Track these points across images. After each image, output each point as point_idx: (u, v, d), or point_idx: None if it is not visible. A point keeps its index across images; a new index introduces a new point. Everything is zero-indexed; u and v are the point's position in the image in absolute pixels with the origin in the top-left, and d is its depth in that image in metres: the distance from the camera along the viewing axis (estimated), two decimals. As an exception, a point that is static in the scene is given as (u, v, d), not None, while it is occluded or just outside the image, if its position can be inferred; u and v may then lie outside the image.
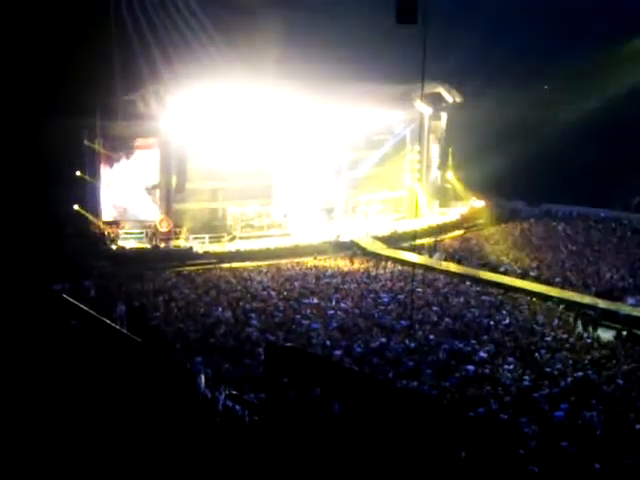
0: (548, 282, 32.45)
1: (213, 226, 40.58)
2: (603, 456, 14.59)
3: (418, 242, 40.07)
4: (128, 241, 37.53)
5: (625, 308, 28.44)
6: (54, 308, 22.13)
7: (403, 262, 36.46)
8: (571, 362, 20.93)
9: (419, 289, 29.78)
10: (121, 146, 38.25)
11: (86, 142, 36.96)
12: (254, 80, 36.89)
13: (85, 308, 21.93)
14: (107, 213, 38.25)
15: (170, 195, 39.01)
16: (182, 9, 39.99)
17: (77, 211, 36.34)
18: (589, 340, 24.03)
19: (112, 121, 36.81)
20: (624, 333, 25.28)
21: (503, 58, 49.06)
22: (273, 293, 28.90)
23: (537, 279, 33.10)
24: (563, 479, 13.82)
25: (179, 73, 37.09)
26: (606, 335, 25.13)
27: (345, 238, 40.66)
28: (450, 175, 51.73)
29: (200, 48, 39.39)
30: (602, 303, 28.95)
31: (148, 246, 37.32)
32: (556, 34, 51.59)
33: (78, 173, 36.73)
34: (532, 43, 50.58)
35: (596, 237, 42.55)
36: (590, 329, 25.74)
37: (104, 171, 37.96)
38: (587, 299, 29.58)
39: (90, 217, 37.06)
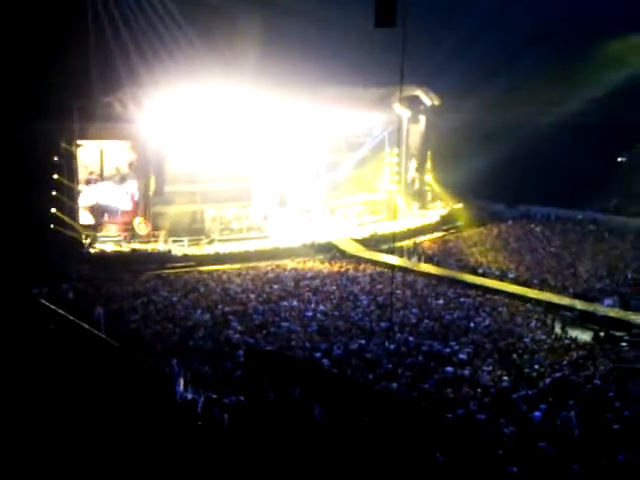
0: (526, 284, 32.64)
1: (192, 229, 40.40)
2: (581, 456, 14.68)
3: (397, 244, 40.15)
4: (106, 244, 37.29)
5: (602, 309, 28.66)
6: (32, 312, 21.99)
7: (382, 264, 36.53)
8: (549, 363, 21.08)
9: (398, 291, 29.84)
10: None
11: (63, 144, 36.67)
12: (233, 82, 36.80)
13: (63, 312, 21.81)
14: (85, 216, 38.02)
15: (148, 198, 38.83)
16: (160, 11, 39.84)
17: (55, 214, 36.07)
18: (567, 341, 24.19)
19: (89, 123, 36.56)
20: (601, 334, 25.51)
21: (482, 61, 49.39)
22: (252, 296, 28.83)
23: (515, 281, 33.29)
24: (542, 479, 13.90)
25: (157, 75, 36.92)
26: (584, 336, 25.33)
27: (324, 240, 40.66)
28: (429, 177, 51.96)
29: (178, 50, 39.28)
30: (580, 304, 29.18)
31: (126, 249, 37.10)
32: (535, 36, 51.99)
33: (55, 176, 36.44)
34: (511, 45, 50.89)
35: (574, 239, 42.87)
36: (568, 330, 25.93)
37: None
38: (565, 300, 29.80)
39: (68, 220, 36.78)
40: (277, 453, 13.74)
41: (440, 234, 45.92)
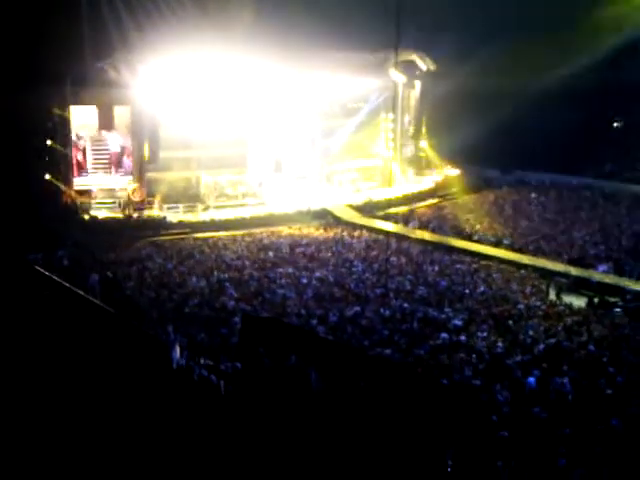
0: (521, 250, 32.71)
1: (187, 195, 40.25)
2: (575, 421, 14.82)
3: (392, 211, 40.12)
4: (101, 211, 37.20)
5: (597, 275, 28.76)
6: (27, 279, 21.96)
7: (377, 231, 36.53)
8: (543, 329, 21.19)
9: (393, 258, 29.88)
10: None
11: (56, 110, 36.38)
12: (227, 47, 36.48)
13: (58, 279, 21.79)
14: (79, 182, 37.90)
15: (143, 164, 38.65)
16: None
17: (49, 180, 35.90)
18: (561, 307, 24.31)
19: (83, 88, 36.28)
20: (596, 300, 25.62)
21: (477, 26, 49.00)
22: (248, 262, 28.87)
23: (510, 247, 33.35)
24: (535, 444, 14.03)
25: (150, 40, 36.54)
26: (578, 302, 25.44)
27: (319, 207, 40.59)
28: (424, 144, 51.74)
29: (172, 14, 38.83)
30: (574, 270, 29.23)
31: (121, 216, 37.04)
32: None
33: (49, 142, 36.19)
34: (505, 10, 50.48)
35: (568, 204, 42.89)
36: (562, 296, 26.04)
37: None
38: (559, 267, 29.85)
39: (62, 186, 36.63)
40: (273, 419, 13.84)
41: (435, 200, 45.81)
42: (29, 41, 32.06)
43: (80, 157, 38.28)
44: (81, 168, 38.25)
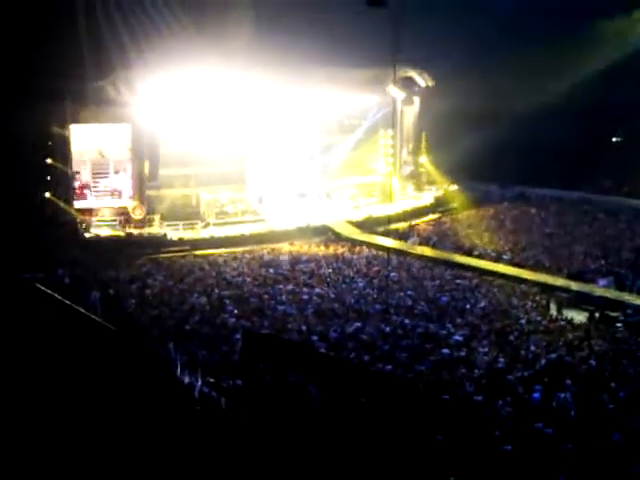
0: (522, 265, 32.70)
1: (187, 213, 40.32)
2: (577, 437, 14.76)
3: (392, 227, 40.14)
4: (101, 229, 37.23)
5: (597, 290, 28.74)
6: (29, 298, 21.95)
7: (378, 247, 36.54)
8: (545, 344, 21.13)
9: (394, 274, 29.87)
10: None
11: (56, 128, 36.47)
12: (225, 65, 36.64)
13: (60, 297, 21.77)
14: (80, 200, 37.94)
15: (143, 182, 38.72)
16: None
17: (49, 199, 35.94)
18: (562, 322, 24.26)
19: (82, 107, 36.38)
20: (597, 315, 25.58)
21: (473, 42, 49.21)
22: (248, 279, 28.84)
23: (511, 262, 33.34)
24: (538, 460, 13.97)
25: (149, 59, 36.73)
26: (579, 317, 25.40)
27: (319, 223, 40.61)
28: (424, 159, 51.84)
29: (170, 33, 39.05)
30: (575, 285, 29.25)
31: (122, 233, 37.05)
32: (524, 17, 51.92)
33: (49, 160, 36.25)
34: (502, 27, 50.70)
35: (568, 219, 42.92)
36: (563, 311, 26.00)
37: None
38: (560, 281, 29.86)
39: (62, 205, 36.66)
40: (274, 435, 13.80)
41: (435, 216, 45.89)
42: (28, 59, 32.20)
43: (82, 182, 38.48)
44: (83, 193, 38.35)
